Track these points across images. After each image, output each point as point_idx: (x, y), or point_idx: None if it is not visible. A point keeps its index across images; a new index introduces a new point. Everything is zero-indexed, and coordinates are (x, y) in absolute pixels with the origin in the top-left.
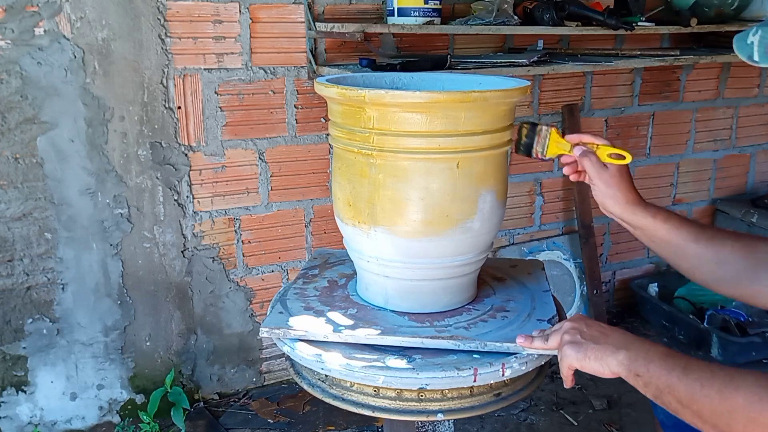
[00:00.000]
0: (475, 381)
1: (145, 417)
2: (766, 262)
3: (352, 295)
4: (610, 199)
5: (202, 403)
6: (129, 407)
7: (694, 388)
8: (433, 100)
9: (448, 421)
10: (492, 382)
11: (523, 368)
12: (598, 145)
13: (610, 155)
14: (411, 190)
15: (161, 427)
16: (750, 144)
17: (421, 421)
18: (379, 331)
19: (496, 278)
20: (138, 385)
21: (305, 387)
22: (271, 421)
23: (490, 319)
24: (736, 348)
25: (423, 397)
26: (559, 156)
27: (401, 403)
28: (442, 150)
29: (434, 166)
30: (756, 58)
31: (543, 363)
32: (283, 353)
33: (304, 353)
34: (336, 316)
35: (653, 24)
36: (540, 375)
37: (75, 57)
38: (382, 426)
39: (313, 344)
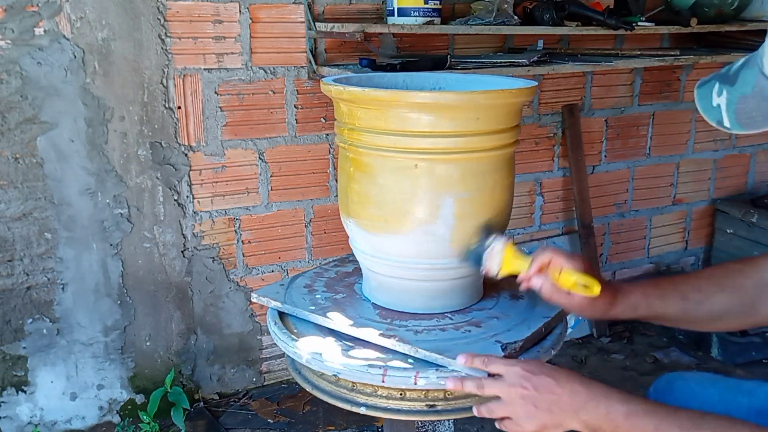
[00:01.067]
0: (383, 381)
1: (145, 417)
2: (757, 293)
3: (356, 285)
4: (582, 312)
5: (202, 403)
6: (129, 407)
7: None
8: (389, 98)
9: (448, 421)
10: (403, 387)
11: (441, 383)
12: (561, 269)
13: (576, 282)
14: (371, 185)
15: (161, 427)
16: (750, 144)
17: (421, 421)
18: (343, 318)
19: (513, 295)
20: (138, 385)
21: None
22: (271, 421)
23: (452, 329)
24: (736, 348)
25: (355, 388)
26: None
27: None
28: (399, 149)
29: (389, 164)
30: (727, 124)
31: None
32: (283, 353)
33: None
34: (321, 298)
35: (653, 24)
36: None
37: (75, 57)
38: (382, 426)
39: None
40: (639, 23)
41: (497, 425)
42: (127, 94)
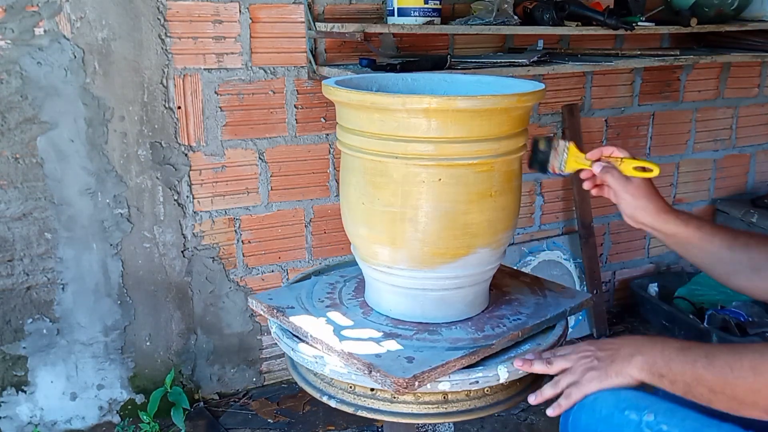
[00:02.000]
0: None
1: (145, 417)
2: None
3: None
4: (640, 211)
5: (202, 403)
6: (129, 407)
7: (724, 373)
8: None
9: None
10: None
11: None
12: (621, 159)
13: (635, 168)
14: (446, 197)
15: (161, 427)
16: (750, 144)
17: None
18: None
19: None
20: (138, 385)
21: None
22: (271, 421)
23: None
24: None
25: (353, 390)
26: (578, 171)
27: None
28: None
29: (469, 172)
30: None
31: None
32: (283, 353)
33: (305, 353)
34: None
35: (653, 24)
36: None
37: (75, 57)
38: (382, 426)
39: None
40: (639, 23)
41: (550, 412)
42: (127, 94)
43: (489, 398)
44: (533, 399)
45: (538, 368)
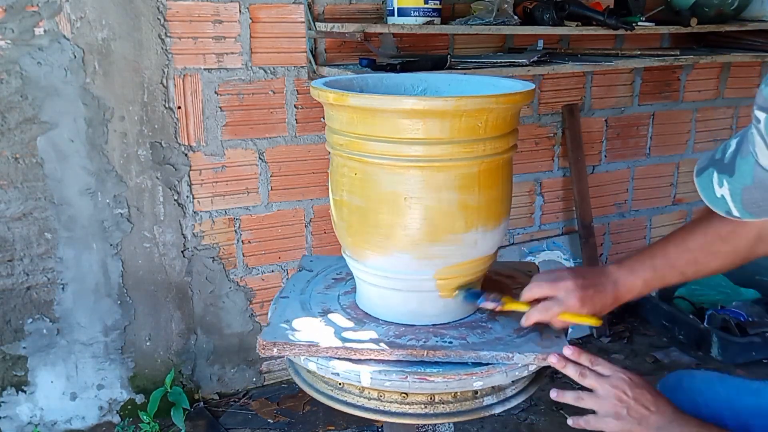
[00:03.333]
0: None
1: (145, 417)
2: (752, 245)
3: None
4: (594, 310)
5: (202, 403)
6: (129, 407)
7: None
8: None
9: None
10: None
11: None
12: (557, 314)
13: (575, 322)
14: (436, 198)
15: (161, 427)
16: None
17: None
18: (384, 343)
19: (503, 274)
20: (138, 385)
21: (314, 395)
22: (271, 421)
23: (477, 333)
24: (736, 348)
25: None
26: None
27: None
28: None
29: (458, 173)
30: (736, 213)
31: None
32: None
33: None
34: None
35: (653, 24)
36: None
37: (75, 57)
38: (381, 426)
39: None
40: (639, 23)
41: (571, 423)
42: (127, 94)
43: (476, 401)
44: (555, 395)
45: (571, 373)
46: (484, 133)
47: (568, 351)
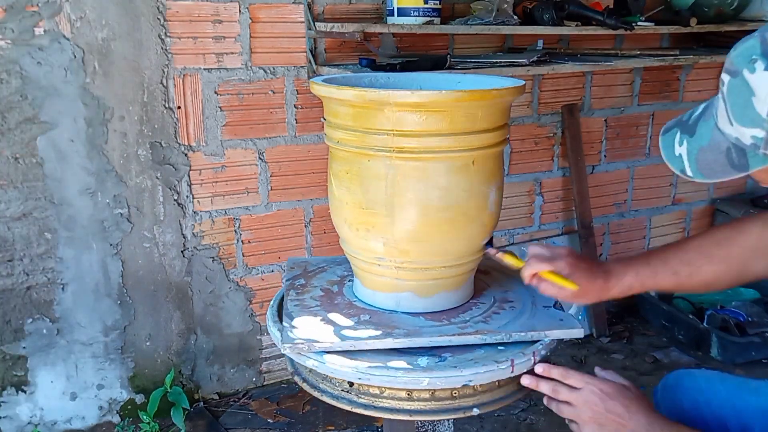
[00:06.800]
0: (512, 372)
1: (145, 417)
2: (747, 257)
3: (354, 301)
4: (579, 299)
5: (202, 403)
6: (129, 407)
7: None
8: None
9: (448, 420)
10: (525, 370)
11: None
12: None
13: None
14: (432, 189)
15: (161, 427)
16: None
17: (421, 421)
18: (405, 333)
19: (480, 270)
20: (138, 385)
21: (327, 399)
22: (271, 421)
23: (501, 310)
24: (735, 348)
25: (456, 395)
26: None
27: (436, 403)
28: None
29: (452, 165)
30: (689, 173)
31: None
32: (283, 354)
33: (336, 365)
34: (342, 319)
35: (653, 24)
36: None
37: (75, 57)
38: (381, 426)
39: (341, 354)
40: (638, 23)
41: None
42: (127, 94)
43: (513, 386)
44: (546, 400)
45: (544, 389)
46: (486, 125)
47: (540, 369)
